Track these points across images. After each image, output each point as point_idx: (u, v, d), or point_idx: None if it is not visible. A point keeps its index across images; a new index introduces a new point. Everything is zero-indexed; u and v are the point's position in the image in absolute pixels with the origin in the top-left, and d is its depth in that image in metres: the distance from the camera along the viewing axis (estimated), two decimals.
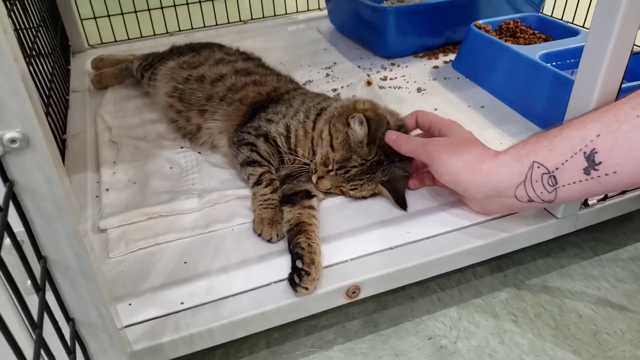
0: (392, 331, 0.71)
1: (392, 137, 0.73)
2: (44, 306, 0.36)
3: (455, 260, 0.69)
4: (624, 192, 0.75)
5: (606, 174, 0.51)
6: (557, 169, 0.54)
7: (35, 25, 0.97)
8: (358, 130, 0.72)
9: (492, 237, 0.70)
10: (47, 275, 0.40)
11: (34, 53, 0.90)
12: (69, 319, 0.44)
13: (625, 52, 0.59)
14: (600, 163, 0.51)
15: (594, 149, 0.51)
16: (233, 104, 0.87)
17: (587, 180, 0.52)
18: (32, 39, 0.92)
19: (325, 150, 0.75)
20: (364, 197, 0.77)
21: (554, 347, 0.68)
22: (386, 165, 0.73)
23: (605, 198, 0.74)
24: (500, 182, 0.61)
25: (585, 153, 0.52)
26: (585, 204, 0.73)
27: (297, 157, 0.78)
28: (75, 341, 0.43)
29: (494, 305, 0.74)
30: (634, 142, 0.49)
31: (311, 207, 0.72)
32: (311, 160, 0.77)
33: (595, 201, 0.73)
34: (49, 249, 0.40)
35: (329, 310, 0.73)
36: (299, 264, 0.62)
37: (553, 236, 0.74)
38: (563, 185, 0.54)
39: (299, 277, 0.61)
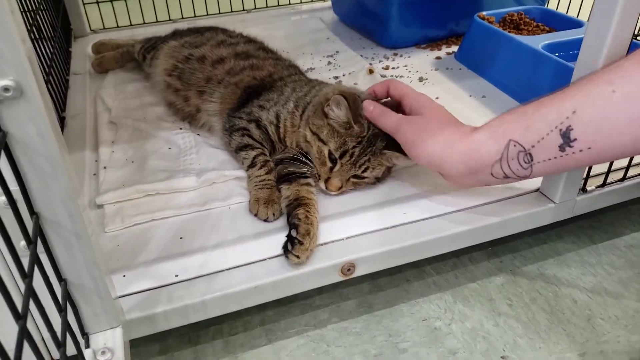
0: (386, 312, 0.71)
1: (370, 108, 0.70)
2: (35, 258, 0.36)
3: (451, 241, 0.69)
4: (622, 180, 0.75)
5: (580, 150, 0.51)
6: (533, 146, 0.54)
7: (34, 9, 0.96)
8: (339, 112, 0.70)
9: (489, 220, 0.69)
10: (39, 231, 0.40)
11: (32, 35, 0.89)
12: (62, 280, 0.44)
13: (624, 43, 0.59)
14: (575, 140, 0.51)
15: (570, 125, 0.51)
16: (229, 86, 0.87)
17: (561, 156, 0.52)
18: (31, 22, 0.91)
19: (316, 147, 0.72)
20: (378, 179, 0.74)
21: (548, 330, 0.67)
22: (381, 134, 0.71)
23: (604, 185, 0.74)
24: (476, 161, 0.60)
25: (561, 130, 0.51)
26: (583, 190, 0.73)
27: (287, 146, 0.78)
28: (67, 301, 0.43)
29: (490, 290, 0.74)
30: (608, 118, 0.49)
31: (308, 184, 0.72)
32: (311, 167, 0.75)
33: (593, 187, 0.73)
34: (42, 206, 0.40)
35: (324, 290, 0.73)
36: (293, 233, 0.63)
37: (550, 221, 0.74)
38: (538, 162, 0.54)
39: (291, 245, 0.62)
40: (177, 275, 0.61)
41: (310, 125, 0.74)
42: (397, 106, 0.73)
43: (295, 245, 0.62)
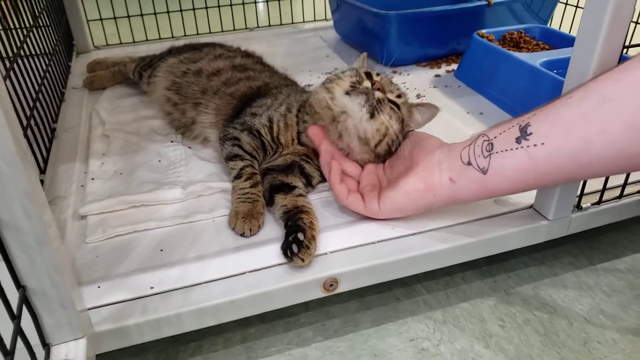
0: (373, 331, 0.68)
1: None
2: None
3: (439, 258, 0.67)
4: (619, 197, 0.72)
5: (535, 145, 0.55)
6: (495, 137, 0.60)
7: (29, 26, 0.96)
8: (358, 64, 0.81)
9: (479, 237, 0.67)
10: None
11: (23, 51, 0.88)
12: (20, 286, 0.42)
13: (613, 55, 0.58)
14: (531, 134, 0.56)
15: (528, 122, 0.56)
16: (224, 97, 0.87)
17: (517, 149, 0.56)
18: (22, 39, 0.91)
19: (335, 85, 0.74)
20: (394, 136, 0.72)
21: (541, 353, 0.64)
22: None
23: (600, 202, 0.71)
24: (454, 145, 0.66)
25: (520, 125, 0.57)
26: (578, 207, 0.70)
27: (280, 145, 0.77)
28: (22, 307, 0.41)
29: (482, 310, 0.71)
30: (562, 116, 0.53)
31: (303, 195, 0.71)
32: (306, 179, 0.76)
33: (589, 205, 0.71)
34: None
35: (310, 308, 0.71)
36: (300, 236, 0.62)
37: (544, 239, 0.71)
38: (497, 152, 0.59)
39: (298, 248, 0.61)
40: (152, 288, 0.59)
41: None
42: None
43: (302, 249, 0.61)
